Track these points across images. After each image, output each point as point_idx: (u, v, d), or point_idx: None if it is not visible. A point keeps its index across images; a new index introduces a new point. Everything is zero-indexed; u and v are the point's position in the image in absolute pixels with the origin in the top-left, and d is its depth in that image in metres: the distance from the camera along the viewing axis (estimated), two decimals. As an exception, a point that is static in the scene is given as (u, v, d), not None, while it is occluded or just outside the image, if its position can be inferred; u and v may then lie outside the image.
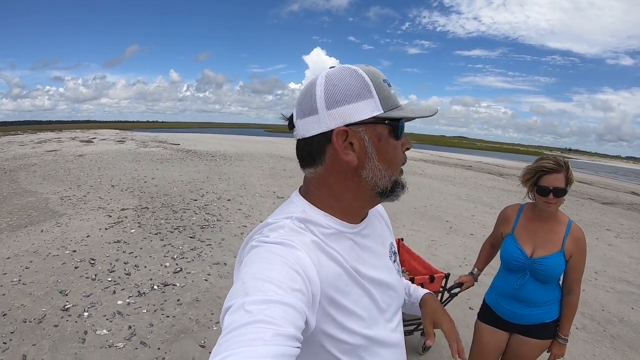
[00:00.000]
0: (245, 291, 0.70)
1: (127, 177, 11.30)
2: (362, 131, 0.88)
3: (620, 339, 4.55)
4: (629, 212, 14.38)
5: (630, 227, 11.37)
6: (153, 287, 4.48)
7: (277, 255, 0.78)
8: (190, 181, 11.37)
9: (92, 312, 3.88)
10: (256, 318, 0.64)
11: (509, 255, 2.35)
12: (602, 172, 52.33)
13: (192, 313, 4.02)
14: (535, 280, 2.28)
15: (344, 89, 0.88)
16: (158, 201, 8.68)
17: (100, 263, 5.04)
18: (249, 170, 14.57)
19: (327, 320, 0.85)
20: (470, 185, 16.45)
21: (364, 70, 0.90)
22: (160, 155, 16.91)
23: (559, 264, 2.22)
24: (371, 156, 0.90)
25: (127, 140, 23.94)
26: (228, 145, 26.49)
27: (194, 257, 5.50)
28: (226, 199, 9.43)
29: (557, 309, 2.34)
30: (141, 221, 7.03)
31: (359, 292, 0.92)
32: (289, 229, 0.87)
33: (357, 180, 0.92)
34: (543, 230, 2.30)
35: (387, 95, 0.90)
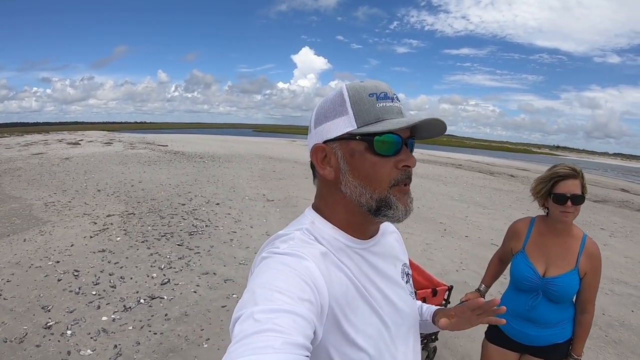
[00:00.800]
0: (254, 301, 0.70)
1: (114, 180, 11.11)
2: (336, 147, 0.91)
3: (623, 344, 4.46)
4: (620, 210, 14.43)
5: (623, 225, 11.40)
6: (139, 301, 4.30)
7: (286, 266, 0.79)
8: (178, 184, 11.20)
9: (75, 329, 3.70)
10: (265, 327, 0.64)
11: (520, 275, 2.21)
12: (591, 169, 52.88)
13: (180, 329, 3.85)
14: (547, 300, 2.14)
15: (327, 107, 0.93)
16: (145, 206, 8.50)
17: (84, 275, 4.85)
18: (238, 172, 14.43)
19: (335, 333, 0.84)
20: (462, 185, 16.45)
21: (350, 86, 0.91)
22: (148, 157, 16.73)
23: (573, 283, 2.09)
24: (344, 172, 0.91)
25: (114, 142, 23.73)
26: (216, 146, 26.35)
27: (182, 267, 5.33)
28: (215, 203, 9.27)
29: (570, 329, 2.20)
30: (127, 228, 6.84)
31: (367, 310, 0.90)
32: (299, 240, 0.88)
33: (341, 194, 0.93)
34: (556, 246, 2.15)
35: (366, 110, 0.89)
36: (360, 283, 0.91)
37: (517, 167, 31.48)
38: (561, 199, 2.04)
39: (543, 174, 2.17)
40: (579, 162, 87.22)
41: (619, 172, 55.96)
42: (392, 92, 0.93)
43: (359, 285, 0.90)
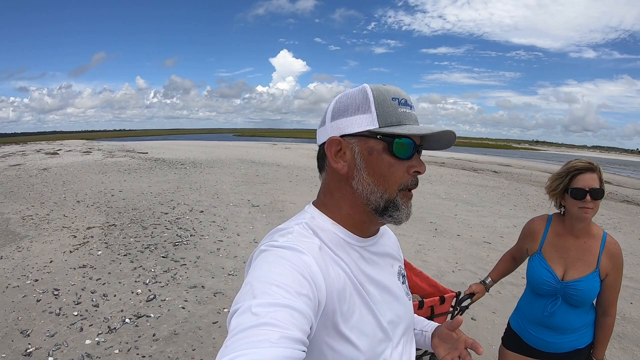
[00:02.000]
0: (252, 294, 0.70)
1: (94, 190, 10.83)
2: (354, 143, 0.91)
3: (627, 338, 4.44)
4: (605, 202, 14.48)
5: (610, 217, 11.48)
6: (125, 321, 4.05)
7: (285, 259, 0.79)
8: (160, 192, 10.96)
9: (57, 356, 3.44)
10: (263, 320, 0.64)
11: (538, 279, 2.08)
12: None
13: (170, 350, 3.63)
14: (567, 305, 2.01)
15: (347, 103, 0.93)
16: (126, 217, 8.24)
17: (64, 294, 4.59)
18: (221, 178, 14.25)
19: (329, 328, 0.84)
20: (447, 183, 16.50)
21: (374, 87, 0.92)
22: (128, 166, 16.43)
23: (594, 286, 1.97)
24: (360, 168, 0.91)
25: (93, 151, 23.37)
26: (197, 151, 26.16)
27: (168, 281, 5.10)
28: (199, 211, 9.07)
29: (591, 333, 2.09)
30: (108, 241, 6.59)
31: (363, 307, 0.90)
32: (298, 234, 0.88)
33: (350, 190, 0.94)
34: (575, 247, 2.03)
35: (389, 112, 0.90)
36: (358, 280, 0.91)
37: (500, 163, 31.83)
38: (580, 193, 1.93)
39: (559, 170, 2.05)
40: (558, 156, 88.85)
41: (600, 164, 56.99)
42: (410, 101, 0.95)
43: (356, 282, 0.90)
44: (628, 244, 8.48)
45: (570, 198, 1.95)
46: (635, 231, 9.87)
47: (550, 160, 53.12)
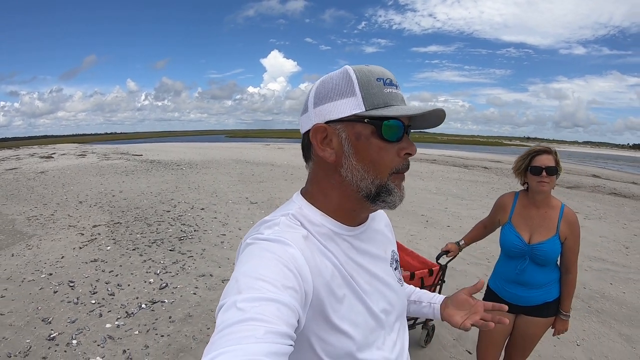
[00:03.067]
0: (238, 289, 0.70)
1: (94, 191, 10.98)
2: (340, 129, 0.88)
3: (605, 313, 4.81)
4: (593, 195, 14.95)
5: (596, 208, 11.89)
6: (141, 306, 4.31)
7: (270, 252, 0.78)
8: (160, 192, 11.15)
9: (80, 339, 3.68)
10: (248, 316, 0.65)
11: (508, 243, 2.48)
12: (563, 158, 54.34)
13: (187, 330, 3.89)
14: (534, 264, 2.42)
15: (330, 87, 0.89)
16: (130, 215, 8.45)
17: (80, 285, 4.82)
18: (217, 177, 14.45)
19: (318, 320, 0.84)
20: (438, 179, 16.78)
21: (357, 69, 0.89)
22: (125, 168, 16.55)
23: (556, 247, 2.37)
24: (348, 154, 0.89)
25: (88, 154, 23.36)
26: (191, 153, 26.22)
27: (178, 271, 5.35)
28: (199, 208, 9.29)
29: (557, 288, 2.49)
30: (116, 237, 6.81)
31: (352, 297, 0.90)
32: (284, 225, 0.88)
33: (339, 178, 0.91)
34: (538, 216, 2.44)
35: (374, 94, 0.87)
36: (347, 270, 0.91)
37: (490, 160, 32.15)
38: (537, 170, 2.34)
39: (522, 154, 2.47)
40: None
41: (590, 159, 57.64)
42: (395, 80, 0.92)
43: (345, 273, 0.90)
44: (612, 232, 8.95)
45: (530, 175, 2.39)
46: (619, 221, 10.29)
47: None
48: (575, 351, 3.95)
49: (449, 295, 1.28)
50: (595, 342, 4.14)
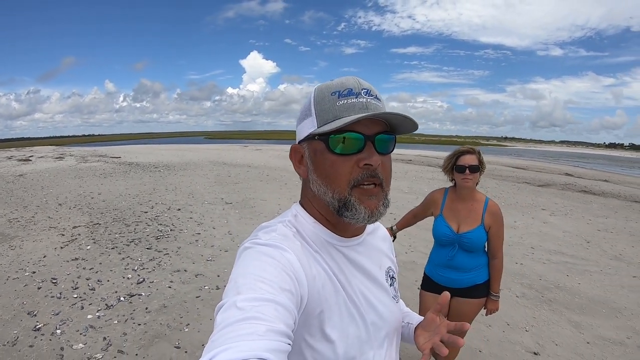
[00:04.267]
0: (237, 290, 0.72)
1: (73, 194, 11.16)
2: (305, 147, 0.95)
3: (557, 302, 5.21)
4: (563, 192, 15.52)
5: (564, 205, 12.43)
6: (120, 299, 4.64)
7: (268, 256, 0.80)
8: (138, 194, 11.38)
9: (64, 328, 3.99)
10: (249, 315, 0.66)
11: (439, 233, 2.85)
12: (538, 157, 55.26)
13: (162, 319, 4.24)
14: (463, 250, 2.79)
15: (301, 109, 0.97)
16: (109, 216, 8.70)
17: (62, 282, 5.12)
18: (195, 179, 14.67)
19: (308, 326, 0.85)
20: (411, 179, 17.19)
21: (318, 87, 0.95)
22: (103, 170, 16.65)
23: (481, 235, 2.74)
24: (311, 171, 0.94)
25: (66, 156, 23.18)
26: (169, 155, 26.24)
27: (154, 267, 5.68)
28: (176, 209, 9.56)
29: (486, 272, 2.86)
30: (95, 237, 7.08)
31: (342, 308, 0.90)
32: (281, 232, 0.90)
33: (311, 193, 0.97)
34: (465, 209, 2.80)
35: (325, 110, 0.89)
36: (339, 281, 0.91)
37: (466, 159, 32.49)
38: (461, 168, 2.72)
39: (449, 154, 2.86)
40: (526, 151, 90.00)
41: (566, 158, 58.62)
42: (359, 88, 0.90)
43: (336, 283, 0.90)
44: (576, 227, 9.51)
45: (456, 172, 2.76)
46: (585, 217, 10.84)
47: (517, 156, 54.58)
48: (523, 336, 4.33)
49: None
50: (544, 328, 4.53)
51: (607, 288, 5.82)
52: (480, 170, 2.75)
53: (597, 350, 4.13)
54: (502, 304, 3.07)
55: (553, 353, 4.04)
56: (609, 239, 8.66)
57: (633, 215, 11.63)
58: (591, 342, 4.29)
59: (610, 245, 8.17)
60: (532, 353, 4.02)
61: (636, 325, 4.72)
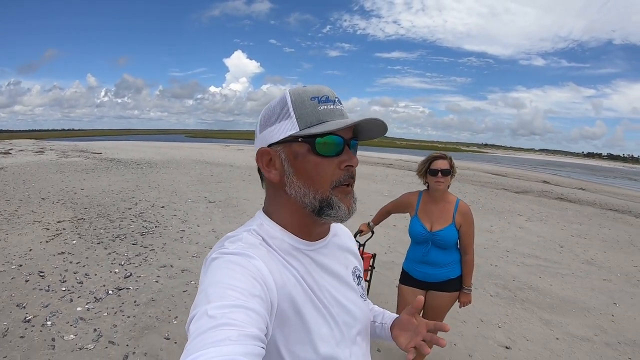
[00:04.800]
0: (207, 299, 0.72)
1: (56, 189, 11.12)
2: (280, 150, 0.94)
3: (529, 301, 5.48)
4: (539, 199, 15.98)
5: (540, 211, 12.85)
6: (108, 292, 4.73)
7: (236, 264, 0.81)
8: (121, 190, 11.39)
9: (54, 320, 4.06)
10: (221, 322, 0.67)
11: (415, 232, 3.10)
12: (517, 164, 56.08)
13: (150, 311, 4.36)
14: (436, 247, 3.04)
15: (270, 112, 0.96)
16: (93, 211, 8.73)
17: (50, 275, 5.17)
18: (177, 177, 14.71)
19: (283, 330, 0.86)
20: (391, 182, 17.48)
21: (292, 91, 0.96)
22: (85, 165, 16.58)
23: (453, 233, 2.99)
24: (289, 174, 0.94)
25: (46, 151, 22.94)
26: (151, 152, 26.18)
27: (141, 262, 5.78)
28: (160, 206, 9.64)
29: (458, 268, 3.11)
30: (80, 232, 7.13)
31: (313, 311, 0.92)
32: (247, 240, 0.91)
33: (286, 197, 0.96)
34: (437, 209, 3.05)
35: (307, 113, 0.92)
36: (308, 284, 0.93)
37: (446, 164, 32.92)
38: (434, 172, 2.96)
39: (423, 159, 3.11)
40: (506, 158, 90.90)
41: (544, 166, 59.71)
42: (334, 96, 0.96)
43: (305, 287, 0.92)
44: (550, 232, 9.93)
45: (429, 176, 3.01)
46: (560, 223, 11.29)
47: (496, 162, 55.32)
48: (496, 332, 4.56)
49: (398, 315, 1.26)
50: (515, 325, 4.78)
51: (578, 289, 6.13)
52: (451, 173, 3.00)
53: (565, 346, 4.39)
54: (476, 302, 3.29)
55: (524, 347, 4.28)
56: (582, 244, 9.05)
57: (606, 223, 12.11)
58: (560, 339, 4.54)
59: (583, 250, 8.55)
60: (504, 347, 4.26)
61: (604, 324, 5.00)
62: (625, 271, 7.37)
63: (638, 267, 7.73)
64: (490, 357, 4.07)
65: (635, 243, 9.80)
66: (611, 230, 10.99)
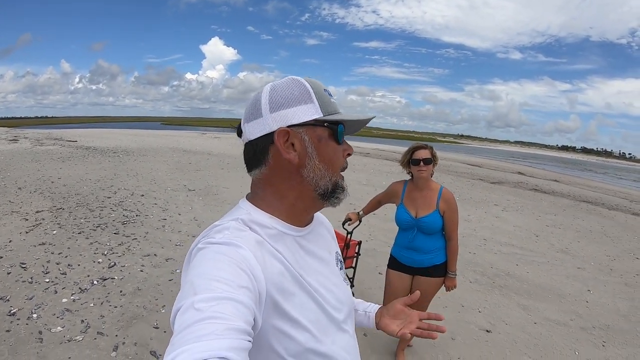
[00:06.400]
0: (194, 291, 0.72)
1: (32, 178, 10.91)
2: (303, 132, 0.95)
3: (507, 288, 5.68)
4: (515, 190, 16.36)
5: (515, 202, 13.18)
6: (93, 283, 4.71)
7: (223, 254, 0.81)
8: (99, 179, 11.24)
9: (40, 313, 4.00)
10: (207, 315, 0.66)
11: (401, 219, 3.24)
12: (493, 155, 56.81)
13: (137, 301, 4.37)
14: (422, 233, 3.16)
15: (287, 94, 0.95)
16: (72, 201, 8.61)
17: (32, 266, 5.09)
18: (155, 165, 14.61)
19: (274, 318, 0.87)
20: (369, 171, 17.68)
21: (307, 80, 0.99)
22: (60, 154, 16.29)
23: (437, 220, 3.11)
24: (311, 156, 0.96)
25: (20, 139, 22.34)
26: (127, 140, 25.77)
27: (124, 252, 5.76)
28: (139, 195, 9.59)
29: (443, 254, 3.25)
30: (60, 222, 7.03)
31: (304, 296, 0.94)
32: (234, 229, 0.90)
33: (299, 179, 0.97)
34: (421, 197, 3.18)
35: (327, 102, 0.98)
36: (296, 269, 0.94)
37: (422, 154, 33.25)
38: (416, 162, 3.09)
39: (405, 150, 3.23)
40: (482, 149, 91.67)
41: (519, 158, 60.68)
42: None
43: (294, 272, 0.93)
44: (526, 222, 10.23)
45: (412, 165, 3.14)
46: (535, 213, 11.62)
47: (472, 153, 55.95)
48: (476, 316, 4.74)
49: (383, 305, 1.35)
50: (495, 310, 4.96)
51: (553, 277, 6.35)
52: (433, 162, 3.13)
53: (543, 330, 4.58)
54: (457, 288, 3.42)
55: (503, 331, 4.46)
56: (556, 234, 9.33)
57: (580, 214, 12.47)
58: (538, 323, 4.73)
59: (558, 240, 8.82)
60: (485, 330, 4.44)
61: (579, 310, 5.21)
62: (598, 260, 7.65)
63: (610, 256, 8.02)
64: (472, 340, 4.22)
65: (608, 234, 10.13)
66: (585, 221, 11.34)
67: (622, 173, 54.94)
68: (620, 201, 17.43)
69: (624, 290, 6.18)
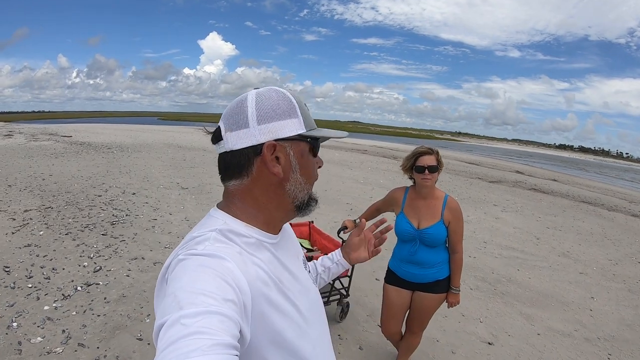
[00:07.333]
0: (179, 305, 0.70)
1: (23, 175, 10.71)
2: (288, 146, 0.96)
3: (509, 295, 5.48)
4: (514, 189, 16.17)
5: (515, 202, 12.98)
6: (77, 289, 4.53)
7: (207, 267, 0.79)
8: (91, 176, 11.06)
9: (20, 321, 3.83)
10: (192, 330, 0.65)
11: (401, 230, 2.95)
12: (490, 154, 56.88)
13: (121, 309, 4.18)
14: (424, 246, 2.89)
15: (274, 106, 0.95)
16: (61, 199, 8.42)
17: (15, 270, 4.92)
18: (149, 162, 14.44)
19: (262, 329, 0.87)
20: (367, 169, 17.52)
21: (291, 92, 1.00)
22: (54, 150, 16.09)
23: (441, 231, 2.84)
24: (295, 170, 0.98)
25: (15, 134, 22.21)
26: (123, 135, 25.62)
27: (111, 254, 5.57)
28: (131, 193, 9.40)
29: (447, 268, 2.98)
30: (48, 222, 6.85)
31: (283, 300, 0.94)
32: (215, 240, 0.89)
33: (280, 192, 0.99)
34: (425, 206, 2.90)
35: (308, 117, 1.00)
36: (275, 275, 0.95)
37: (421, 151, 33.22)
38: (420, 169, 2.80)
39: (408, 154, 2.92)
40: (479, 147, 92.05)
41: (517, 156, 60.73)
42: None
43: (274, 278, 0.94)
44: (526, 224, 10.02)
45: (415, 172, 2.85)
46: (535, 214, 11.43)
47: (470, 151, 55.92)
48: (477, 327, 4.54)
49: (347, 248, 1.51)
50: (497, 319, 4.77)
51: (556, 283, 6.16)
52: (438, 169, 2.85)
53: (547, 341, 4.39)
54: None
55: (506, 343, 4.27)
56: (557, 237, 9.15)
57: (580, 215, 12.31)
58: (542, 334, 4.55)
59: (559, 243, 8.65)
60: (487, 343, 4.23)
61: (583, 319, 5.03)
62: (601, 265, 7.48)
63: (612, 260, 7.86)
64: (473, 354, 4.03)
65: (609, 236, 9.98)
66: (585, 223, 11.18)
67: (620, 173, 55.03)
68: (619, 202, 17.30)
69: (628, 297, 6.01)
